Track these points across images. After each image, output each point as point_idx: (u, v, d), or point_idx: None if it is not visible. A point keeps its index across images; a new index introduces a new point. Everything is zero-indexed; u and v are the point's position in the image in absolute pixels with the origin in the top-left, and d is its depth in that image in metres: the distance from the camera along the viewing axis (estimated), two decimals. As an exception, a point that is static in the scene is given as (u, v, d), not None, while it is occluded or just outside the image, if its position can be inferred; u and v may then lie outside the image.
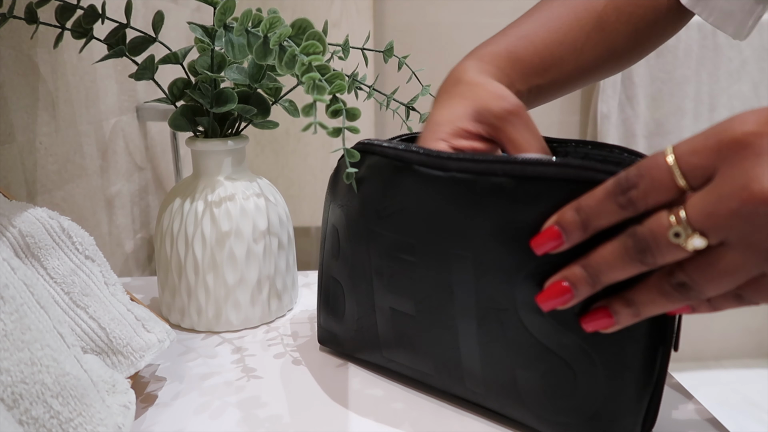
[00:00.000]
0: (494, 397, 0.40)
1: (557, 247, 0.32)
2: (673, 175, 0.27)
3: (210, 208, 0.53)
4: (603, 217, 0.30)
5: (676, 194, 0.27)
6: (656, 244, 0.27)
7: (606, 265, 0.30)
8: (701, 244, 0.26)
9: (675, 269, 0.28)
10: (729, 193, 0.25)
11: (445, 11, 1.62)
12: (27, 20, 0.50)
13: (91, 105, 0.72)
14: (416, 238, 0.40)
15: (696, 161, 0.26)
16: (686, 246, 0.27)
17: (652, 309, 0.30)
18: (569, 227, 0.31)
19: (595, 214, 0.30)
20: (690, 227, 0.26)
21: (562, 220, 0.31)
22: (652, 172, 0.27)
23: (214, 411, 0.43)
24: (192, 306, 0.54)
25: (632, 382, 0.35)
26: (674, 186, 0.27)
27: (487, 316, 0.38)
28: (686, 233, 0.26)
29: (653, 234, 0.27)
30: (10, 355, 0.28)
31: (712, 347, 1.91)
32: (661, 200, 0.27)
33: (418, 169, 0.39)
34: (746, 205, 0.25)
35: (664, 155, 0.27)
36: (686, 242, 0.26)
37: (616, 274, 0.30)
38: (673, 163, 0.27)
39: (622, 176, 0.29)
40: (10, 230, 0.39)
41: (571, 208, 0.31)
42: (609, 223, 0.30)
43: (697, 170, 0.26)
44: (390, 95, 0.57)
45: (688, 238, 0.26)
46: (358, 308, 0.46)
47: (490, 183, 0.36)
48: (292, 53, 0.42)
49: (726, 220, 0.25)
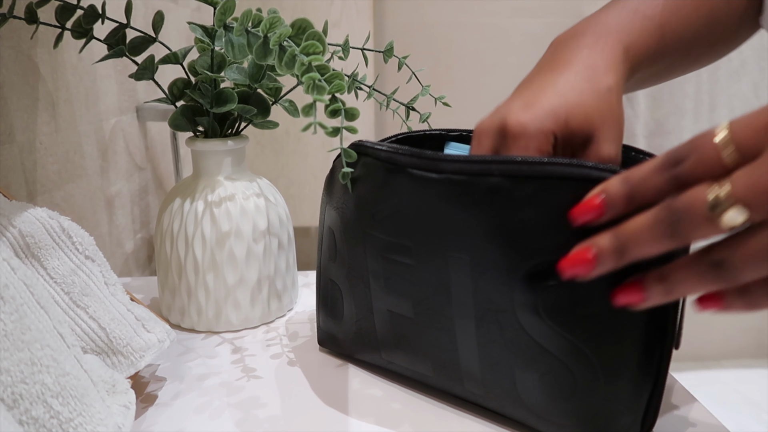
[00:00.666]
0: (494, 398, 0.40)
1: (598, 217, 0.30)
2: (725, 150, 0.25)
3: (210, 208, 0.53)
4: (649, 191, 0.28)
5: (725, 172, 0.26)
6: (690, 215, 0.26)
7: (636, 236, 0.29)
8: (740, 218, 0.25)
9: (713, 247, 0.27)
10: None
11: (445, 11, 1.62)
12: (27, 20, 0.50)
13: (91, 105, 0.72)
14: (412, 241, 0.40)
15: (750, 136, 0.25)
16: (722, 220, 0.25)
17: (685, 289, 0.29)
18: (615, 197, 0.30)
19: (642, 187, 0.29)
20: (731, 199, 0.25)
21: (609, 189, 0.30)
22: (704, 148, 0.26)
23: (214, 411, 0.43)
24: (192, 306, 0.54)
25: (631, 382, 0.35)
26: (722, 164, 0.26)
27: (485, 318, 0.38)
28: (724, 206, 0.25)
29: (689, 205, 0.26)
30: (10, 355, 0.28)
31: (712, 347, 1.91)
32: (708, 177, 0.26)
33: (412, 171, 0.39)
34: None
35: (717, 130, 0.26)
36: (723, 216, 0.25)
37: (644, 248, 0.29)
38: (727, 139, 0.26)
39: (672, 150, 0.28)
40: (10, 230, 0.39)
41: (618, 179, 0.30)
42: (654, 198, 0.28)
43: (749, 146, 0.25)
44: (390, 95, 0.57)
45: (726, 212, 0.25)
46: (356, 310, 0.46)
47: (487, 184, 0.36)
48: (292, 53, 0.42)
49: None
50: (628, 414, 0.35)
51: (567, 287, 0.34)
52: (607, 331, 0.34)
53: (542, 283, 0.35)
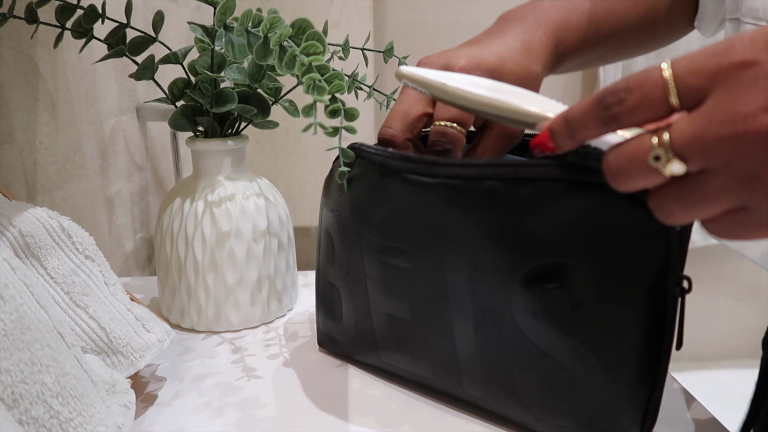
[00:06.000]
0: (493, 400, 0.40)
1: (550, 150, 0.31)
2: (668, 92, 0.25)
3: (210, 208, 0.53)
4: (586, 130, 0.28)
5: (666, 113, 0.26)
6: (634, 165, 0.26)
7: (581, 127, 0.29)
8: (680, 169, 0.25)
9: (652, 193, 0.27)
10: (720, 118, 0.24)
11: (445, 11, 1.62)
12: (27, 20, 0.50)
13: (91, 105, 0.72)
14: (408, 244, 0.40)
15: (693, 81, 0.25)
16: (664, 170, 0.25)
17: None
18: (557, 135, 0.30)
19: (578, 126, 0.28)
20: (672, 151, 0.25)
21: (552, 126, 0.30)
22: (644, 88, 0.25)
23: (214, 411, 0.43)
24: (192, 306, 0.54)
25: (631, 383, 0.35)
26: (665, 104, 0.25)
27: (484, 321, 0.38)
28: (667, 156, 0.25)
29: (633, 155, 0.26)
30: (10, 355, 0.28)
31: (712, 347, 1.91)
32: (648, 118, 0.26)
33: (407, 176, 0.39)
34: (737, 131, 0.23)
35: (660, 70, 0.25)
36: (665, 166, 0.25)
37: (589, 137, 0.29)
38: (669, 80, 0.25)
39: (609, 89, 0.27)
40: (10, 230, 0.39)
41: (560, 117, 0.30)
42: (594, 136, 0.28)
43: (692, 91, 0.25)
44: (390, 95, 0.57)
45: (668, 163, 0.25)
46: (355, 312, 0.46)
47: (482, 187, 0.36)
48: (292, 53, 0.42)
49: (712, 146, 0.24)
50: (627, 415, 0.35)
51: (565, 290, 0.34)
52: (606, 333, 0.34)
53: (540, 286, 0.35)
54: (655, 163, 0.25)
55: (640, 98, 0.26)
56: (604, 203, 0.33)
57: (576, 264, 0.34)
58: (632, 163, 0.26)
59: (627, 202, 0.32)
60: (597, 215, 0.33)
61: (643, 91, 0.25)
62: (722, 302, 1.87)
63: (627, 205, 0.32)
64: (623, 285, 0.33)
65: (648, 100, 0.25)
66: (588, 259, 0.34)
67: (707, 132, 0.24)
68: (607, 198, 0.33)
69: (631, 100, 0.26)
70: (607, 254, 0.33)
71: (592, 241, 0.33)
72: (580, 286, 0.34)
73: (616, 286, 0.33)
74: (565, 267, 0.34)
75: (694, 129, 0.24)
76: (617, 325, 0.34)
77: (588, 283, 0.34)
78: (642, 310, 0.34)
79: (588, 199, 0.33)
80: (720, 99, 0.24)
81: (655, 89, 0.25)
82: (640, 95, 0.26)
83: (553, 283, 0.35)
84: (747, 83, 0.23)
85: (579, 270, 0.34)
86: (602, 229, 0.33)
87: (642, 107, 0.26)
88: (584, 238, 0.33)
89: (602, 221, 0.33)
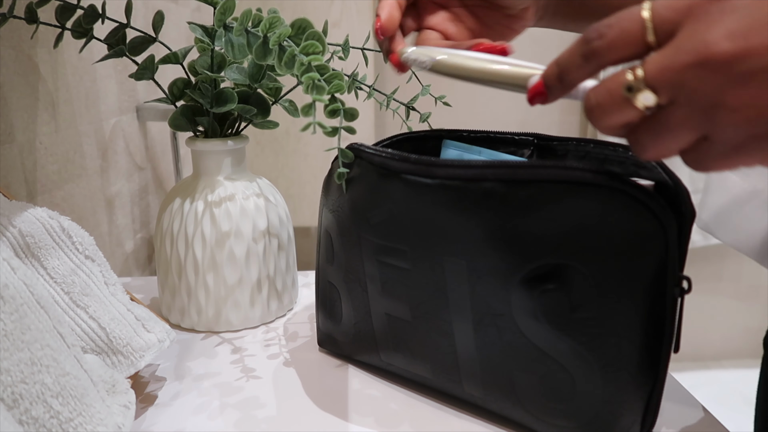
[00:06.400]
0: (493, 400, 0.40)
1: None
2: (645, 29, 0.26)
3: (210, 208, 0.53)
4: (573, 70, 0.29)
5: (643, 50, 0.26)
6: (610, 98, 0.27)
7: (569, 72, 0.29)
8: (651, 100, 0.26)
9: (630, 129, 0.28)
10: (686, 47, 0.24)
11: (445, 11, 1.61)
12: (27, 20, 0.50)
13: (91, 105, 0.72)
14: (408, 245, 0.40)
15: (668, 15, 0.25)
16: (636, 101, 0.26)
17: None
18: (548, 80, 0.30)
19: (566, 66, 0.29)
20: (644, 82, 0.26)
21: (545, 73, 0.31)
22: (622, 24, 0.26)
23: (214, 411, 0.43)
24: (192, 306, 0.54)
25: (630, 384, 0.35)
26: (643, 41, 0.26)
27: (483, 321, 0.38)
28: (638, 87, 0.26)
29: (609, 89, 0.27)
30: (10, 355, 0.28)
31: (712, 347, 1.91)
32: (627, 55, 0.27)
33: (406, 177, 0.39)
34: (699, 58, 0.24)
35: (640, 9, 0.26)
36: (636, 97, 0.26)
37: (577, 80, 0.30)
38: (647, 17, 0.26)
39: (592, 26, 0.27)
40: (10, 230, 0.39)
41: (552, 63, 0.30)
42: (581, 77, 0.29)
43: (666, 24, 0.26)
44: (390, 95, 0.57)
45: (639, 93, 0.26)
46: (355, 313, 0.46)
47: (481, 189, 0.36)
48: (291, 53, 0.42)
49: (678, 74, 0.25)
50: (627, 415, 0.35)
51: (565, 291, 0.34)
52: (606, 333, 0.34)
53: (540, 287, 0.35)
54: (628, 94, 0.26)
55: (619, 32, 0.26)
56: (604, 204, 0.33)
57: (576, 265, 0.34)
58: (608, 96, 0.27)
59: (627, 203, 0.32)
60: (597, 216, 0.33)
61: (622, 26, 0.26)
62: (722, 302, 1.87)
63: (626, 206, 0.32)
64: (623, 286, 0.33)
65: (626, 34, 0.26)
66: (588, 260, 0.34)
67: (674, 61, 0.25)
68: (607, 199, 0.33)
69: (611, 35, 0.27)
70: (606, 255, 0.33)
71: (592, 242, 0.33)
72: (579, 287, 0.34)
73: (616, 287, 0.33)
74: (565, 268, 0.34)
75: (663, 59, 0.25)
76: (617, 325, 0.34)
77: (588, 284, 0.34)
78: (642, 311, 0.34)
79: (587, 200, 0.33)
80: (689, 30, 0.25)
81: (633, 25, 0.26)
82: (619, 29, 0.26)
83: (553, 284, 0.35)
84: (715, 14, 0.24)
85: (579, 271, 0.34)
86: (602, 230, 0.33)
87: (620, 42, 0.26)
88: (584, 239, 0.33)
89: (602, 222, 0.33)
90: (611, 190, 0.33)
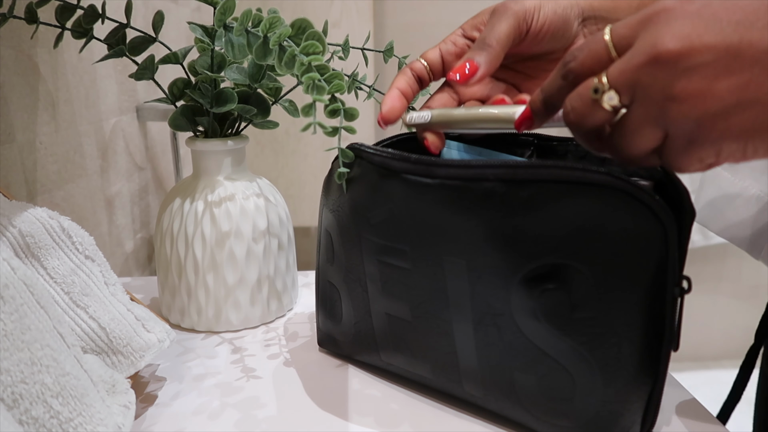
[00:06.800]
0: (493, 400, 0.40)
1: (530, 124, 0.35)
2: (608, 47, 0.30)
3: (210, 208, 0.53)
4: (555, 90, 0.32)
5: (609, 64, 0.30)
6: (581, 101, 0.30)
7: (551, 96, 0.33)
8: (614, 99, 0.29)
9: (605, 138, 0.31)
10: (639, 50, 0.28)
11: (445, 11, 1.62)
12: (27, 20, 0.50)
13: (91, 105, 0.72)
14: (408, 245, 0.40)
15: (625, 32, 0.29)
16: (603, 102, 0.29)
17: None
18: (534, 105, 0.34)
19: (548, 90, 0.33)
20: (607, 84, 0.29)
21: (531, 100, 0.34)
22: (591, 46, 0.30)
23: (213, 411, 0.43)
24: (192, 306, 0.54)
25: (630, 384, 0.35)
26: (608, 56, 0.30)
27: (483, 321, 0.38)
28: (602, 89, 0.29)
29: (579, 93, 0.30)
30: (10, 355, 0.28)
31: (712, 347, 1.91)
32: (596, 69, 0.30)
33: (406, 177, 0.39)
34: (649, 57, 0.27)
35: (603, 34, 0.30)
36: (602, 97, 0.29)
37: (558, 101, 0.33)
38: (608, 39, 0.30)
39: (568, 52, 0.32)
40: (10, 230, 0.39)
41: (537, 90, 0.34)
42: (562, 96, 0.32)
43: (624, 40, 0.29)
44: (390, 95, 0.57)
45: (604, 94, 0.29)
46: (355, 313, 0.46)
47: (482, 188, 0.36)
48: (291, 53, 0.42)
49: (633, 74, 0.28)
50: (627, 415, 0.35)
51: (565, 290, 0.34)
52: (606, 333, 0.34)
53: (540, 287, 0.35)
54: (595, 95, 0.29)
55: (588, 53, 0.31)
56: (604, 204, 0.33)
57: (576, 265, 0.34)
58: (579, 99, 0.30)
59: (627, 202, 0.32)
60: (596, 216, 0.33)
61: (591, 47, 0.30)
62: (722, 302, 1.87)
63: (626, 205, 0.32)
64: (623, 285, 0.33)
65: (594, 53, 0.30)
66: (588, 260, 0.34)
67: (630, 63, 0.28)
68: (607, 199, 0.33)
69: (581, 56, 0.31)
70: (606, 255, 0.33)
71: (592, 241, 0.33)
72: (579, 287, 0.34)
73: (616, 287, 0.33)
74: (565, 268, 0.34)
75: (621, 63, 0.29)
76: (617, 325, 0.34)
77: (588, 284, 0.34)
78: (642, 311, 0.34)
79: (587, 200, 0.33)
80: (642, 37, 0.28)
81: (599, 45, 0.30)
82: (588, 50, 0.31)
83: (553, 284, 0.35)
84: (663, 22, 0.28)
85: (579, 271, 0.34)
86: (602, 229, 0.33)
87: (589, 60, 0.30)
88: (584, 239, 0.33)
89: (602, 222, 0.33)
90: (611, 190, 0.33)
